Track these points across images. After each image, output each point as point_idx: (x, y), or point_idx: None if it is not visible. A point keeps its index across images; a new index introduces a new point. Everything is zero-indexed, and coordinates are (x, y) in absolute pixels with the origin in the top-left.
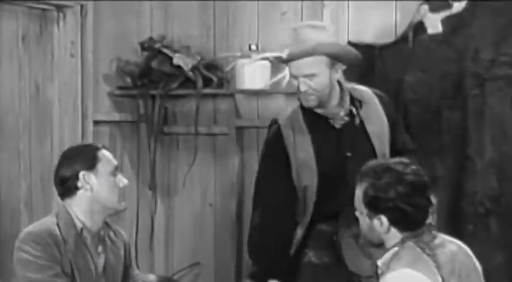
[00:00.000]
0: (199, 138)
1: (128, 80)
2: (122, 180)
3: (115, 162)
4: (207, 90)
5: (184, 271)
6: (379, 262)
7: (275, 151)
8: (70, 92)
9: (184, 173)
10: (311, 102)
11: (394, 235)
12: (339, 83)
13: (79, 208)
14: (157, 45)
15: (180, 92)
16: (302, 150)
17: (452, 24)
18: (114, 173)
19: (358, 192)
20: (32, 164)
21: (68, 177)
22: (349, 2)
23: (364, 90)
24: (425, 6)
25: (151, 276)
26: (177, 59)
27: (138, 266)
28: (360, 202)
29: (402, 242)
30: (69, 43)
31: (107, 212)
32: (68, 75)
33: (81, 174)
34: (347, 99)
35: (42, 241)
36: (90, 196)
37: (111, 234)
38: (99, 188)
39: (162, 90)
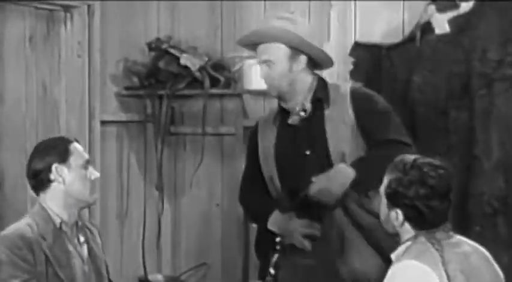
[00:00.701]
0: (206, 139)
1: (135, 80)
2: (93, 173)
3: (86, 156)
4: (214, 91)
5: (191, 271)
6: (393, 255)
7: (249, 144)
8: (77, 92)
9: (191, 173)
10: (271, 91)
11: (408, 230)
12: (320, 77)
13: (53, 201)
14: (164, 46)
15: (187, 92)
16: (266, 141)
17: (460, 24)
18: (85, 166)
19: (385, 181)
20: None
21: (41, 169)
22: (357, 2)
23: (342, 90)
24: (433, 7)
25: (159, 276)
26: (184, 59)
27: (145, 267)
28: (383, 190)
29: (415, 237)
30: (76, 43)
31: (79, 204)
32: (75, 75)
33: (53, 166)
34: (309, 95)
35: (10, 244)
36: (63, 189)
37: (87, 223)
38: (71, 181)
39: (169, 91)
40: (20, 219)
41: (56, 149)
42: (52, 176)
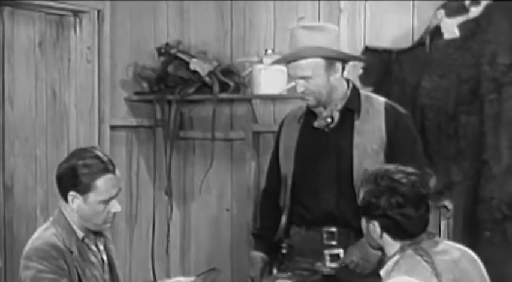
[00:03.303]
0: (216, 143)
1: (145, 85)
2: (115, 206)
3: (113, 192)
4: (224, 95)
5: (200, 276)
6: (382, 272)
7: (275, 141)
8: (86, 97)
9: (201, 178)
10: (309, 102)
11: (388, 242)
12: (354, 85)
13: (71, 214)
14: (173, 51)
15: (197, 97)
16: (288, 139)
17: (469, 29)
18: (106, 202)
19: (360, 195)
20: (49, 169)
21: (60, 185)
22: (366, 6)
23: (376, 103)
24: (442, 11)
25: None
26: (194, 64)
27: (154, 273)
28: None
29: (402, 250)
30: (85, 48)
31: (90, 227)
32: (85, 80)
33: (69, 194)
34: (340, 104)
35: (46, 255)
36: (74, 210)
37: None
38: (82, 211)
39: (179, 95)
40: (44, 229)
41: (79, 179)
42: (68, 198)
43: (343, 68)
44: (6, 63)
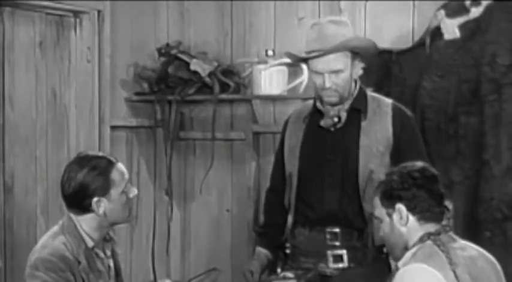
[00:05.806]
0: (216, 144)
1: (145, 85)
2: (132, 191)
3: (127, 176)
4: (224, 96)
5: (200, 276)
6: (399, 263)
7: (279, 139)
8: (87, 98)
9: (201, 179)
10: (333, 98)
11: (414, 227)
12: (361, 86)
13: (87, 223)
14: (174, 51)
15: (197, 97)
16: (294, 138)
17: (469, 29)
18: (125, 190)
19: (376, 200)
20: (49, 169)
21: (80, 199)
22: (366, 6)
23: (383, 104)
24: (442, 12)
25: None
26: (194, 65)
27: (155, 273)
28: (378, 207)
29: (421, 241)
30: (85, 49)
31: (115, 225)
32: (85, 80)
33: (93, 200)
34: (347, 103)
35: (54, 266)
36: (101, 217)
37: (111, 234)
38: (111, 211)
39: (179, 96)
40: (52, 235)
41: (98, 181)
42: (91, 207)
43: None
44: (7, 63)
